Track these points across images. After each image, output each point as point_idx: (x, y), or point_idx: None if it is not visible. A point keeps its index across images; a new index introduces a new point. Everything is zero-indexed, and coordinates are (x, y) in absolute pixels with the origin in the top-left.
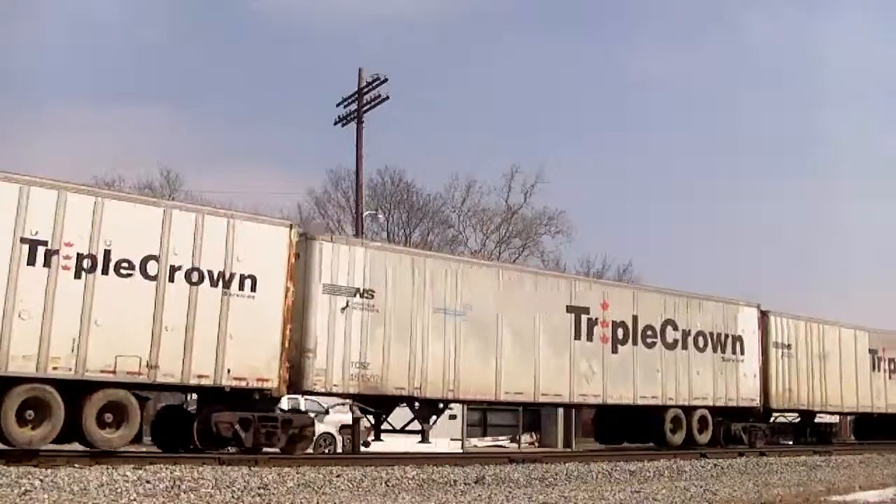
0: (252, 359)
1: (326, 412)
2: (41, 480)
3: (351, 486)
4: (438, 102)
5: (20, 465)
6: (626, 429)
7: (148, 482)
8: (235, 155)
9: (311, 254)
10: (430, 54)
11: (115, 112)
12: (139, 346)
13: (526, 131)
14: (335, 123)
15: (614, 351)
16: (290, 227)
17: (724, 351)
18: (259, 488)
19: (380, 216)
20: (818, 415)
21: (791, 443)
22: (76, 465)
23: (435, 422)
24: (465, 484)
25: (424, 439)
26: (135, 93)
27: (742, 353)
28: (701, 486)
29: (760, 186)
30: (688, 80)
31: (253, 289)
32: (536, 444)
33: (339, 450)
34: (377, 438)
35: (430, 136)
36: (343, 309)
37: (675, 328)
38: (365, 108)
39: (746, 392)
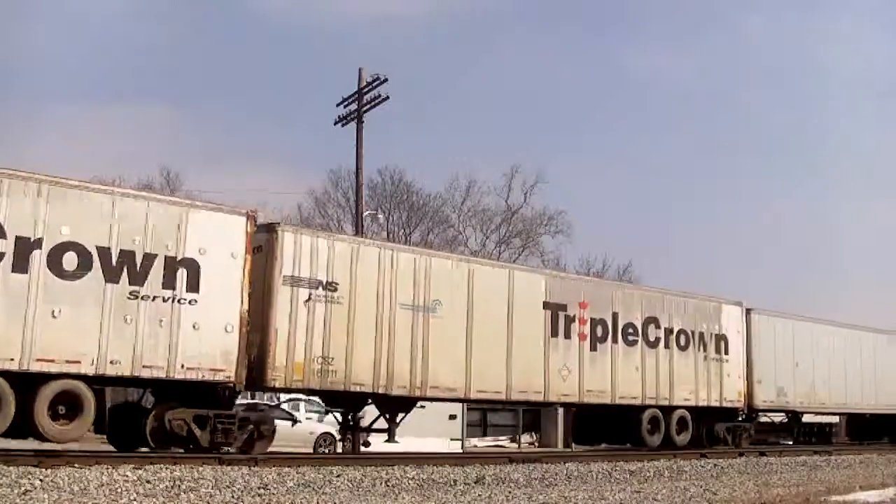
0: None
1: (327, 412)
2: (41, 480)
3: (351, 486)
4: (438, 102)
5: (20, 465)
6: None
7: (148, 482)
8: (235, 155)
9: None
10: (430, 54)
11: (115, 112)
12: None
13: (526, 131)
14: (335, 123)
15: None
16: None
17: (140, 282)
18: (259, 488)
19: (380, 216)
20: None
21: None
22: (76, 465)
23: None
24: (465, 484)
25: None
26: (135, 93)
27: (195, 289)
28: (701, 486)
29: (760, 186)
30: (688, 79)
31: None
32: (536, 445)
33: (339, 450)
34: None
35: (430, 136)
36: None
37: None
38: (365, 108)
39: (200, 357)
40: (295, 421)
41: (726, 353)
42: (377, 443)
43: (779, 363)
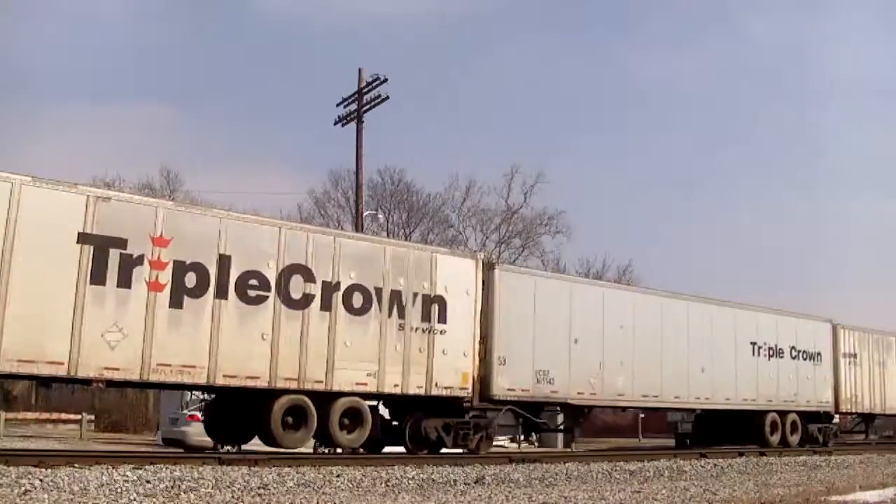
0: None
1: None
2: (41, 480)
3: (351, 486)
4: (438, 102)
5: (20, 465)
6: None
7: (148, 482)
8: (235, 155)
9: None
10: (429, 54)
11: (115, 112)
12: None
13: (526, 131)
14: (335, 123)
15: None
16: None
17: None
18: (259, 488)
19: (380, 216)
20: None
21: None
22: (76, 465)
23: None
24: (465, 484)
25: None
26: (135, 93)
27: None
28: (701, 486)
29: (760, 186)
30: (688, 80)
31: None
32: (536, 445)
33: (339, 450)
34: None
35: (430, 136)
36: None
37: None
38: (365, 108)
39: None
40: None
41: (442, 320)
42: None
43: (541, 338)
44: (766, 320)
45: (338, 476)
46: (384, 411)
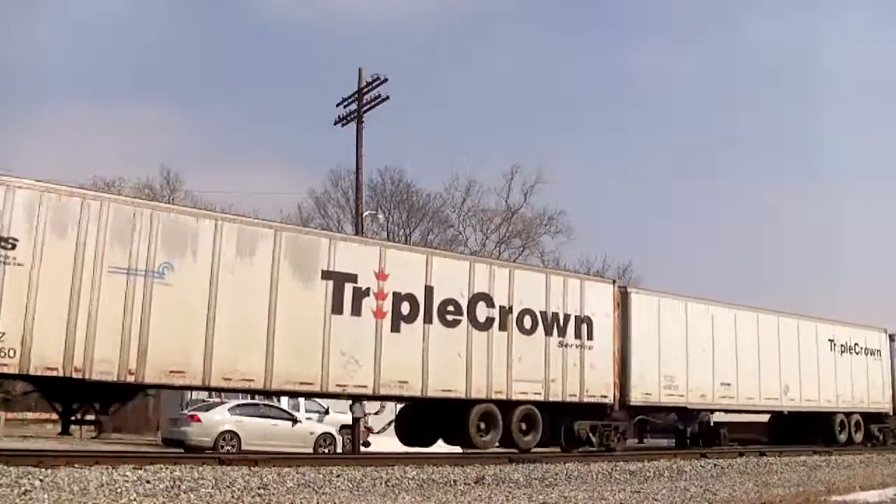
0: None
1: (326, 412)
2: (41, 480)
3: (351, 486)
4: (438, 102)
5: (20, 465)
6: None
7: (148, 482)
8: (235, 155)
9: None
10: (430, 54)
11: (115, 112)
12: None
13: (526, 131)
14: (335, 123)
15: None
16: None
17: None
18: (259, 488)
19: (380, 216)
20: None
21: None
22: (76, 465)
23: None
24: (465, 484)
25: None
26: (135, 93)
27: None
28: (701, 486)
29: (760, 186)
30: (688, 79)
31: None
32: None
33: (339, 450)
34: None
35: (430, 136)
36: None
37: None
38: (365, 108)
39: None
40: (295, 421)
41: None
42: (377, 442)
43: None
44: None
45: (338, 476)
46: None
